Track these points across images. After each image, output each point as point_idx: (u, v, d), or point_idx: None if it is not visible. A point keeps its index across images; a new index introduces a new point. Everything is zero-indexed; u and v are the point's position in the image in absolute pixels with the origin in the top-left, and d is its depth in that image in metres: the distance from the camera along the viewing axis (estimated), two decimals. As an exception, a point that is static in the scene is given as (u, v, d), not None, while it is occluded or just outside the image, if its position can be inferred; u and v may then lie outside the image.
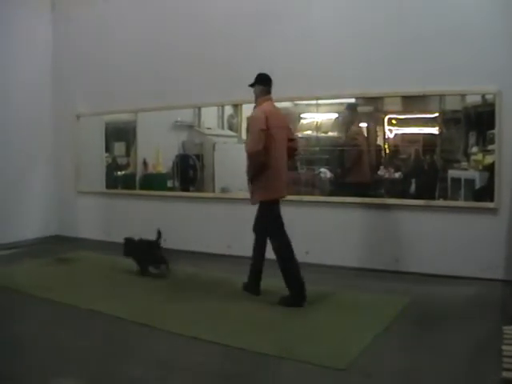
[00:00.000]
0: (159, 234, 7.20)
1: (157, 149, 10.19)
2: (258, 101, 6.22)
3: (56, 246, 9.67)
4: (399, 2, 7.19)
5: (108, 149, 10.54)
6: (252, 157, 5.91)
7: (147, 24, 9.28)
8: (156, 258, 7.22)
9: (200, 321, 5.38)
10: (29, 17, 10.11)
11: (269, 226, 6.14)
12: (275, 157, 5.94)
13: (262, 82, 6.23)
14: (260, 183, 6.03)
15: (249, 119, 6.45)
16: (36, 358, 4.50)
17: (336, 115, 8.91)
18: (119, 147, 10.67)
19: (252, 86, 6.27)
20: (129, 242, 7.44)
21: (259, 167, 5.91)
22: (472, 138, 7.25)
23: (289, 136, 6.22)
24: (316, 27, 7.72)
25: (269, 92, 6.23)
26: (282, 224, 6.14)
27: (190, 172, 9.93)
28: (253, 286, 6.24)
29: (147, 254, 7.24)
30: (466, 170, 7.18)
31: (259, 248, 6.19)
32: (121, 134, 10.61)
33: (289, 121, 6.64)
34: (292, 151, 6.34)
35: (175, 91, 8.88)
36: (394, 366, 4.25)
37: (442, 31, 6.87)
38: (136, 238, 7.39)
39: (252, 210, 8.14)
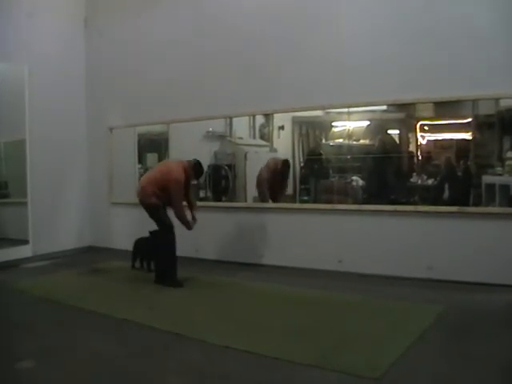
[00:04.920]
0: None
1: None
2: None
3: (90, 257, 9.82)
4: (432, 10, 7.11)
5: (141, 160, 10.65)
6: None
7: (178, 37, 9.37)
8: None
9: (232, 330, 5.38)
10: (63, 32, 10.32)
11: None
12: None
13: None
14: None
15: None
16: (73, 365, 4.56)
17: (368, 123, 8.89)
18: (152, 158, 10.76)
19: None
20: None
21: None
22: (506, 143, 7.14)
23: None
24: (347, 35, 7.70)
25: None
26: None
27: (222, 182, 9.97)
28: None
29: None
30: (500, 175, 7.06)
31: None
32: (153, 145, 10.71)
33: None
34: None
35: (206, 102, 8.94)
36: (429, 375, 4.18)
37: (473, 36, 6.79)
38: None
39: (285, 220, 8.21)
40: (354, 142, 8.87)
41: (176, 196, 7.27)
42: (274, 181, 9.22)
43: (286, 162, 9.26)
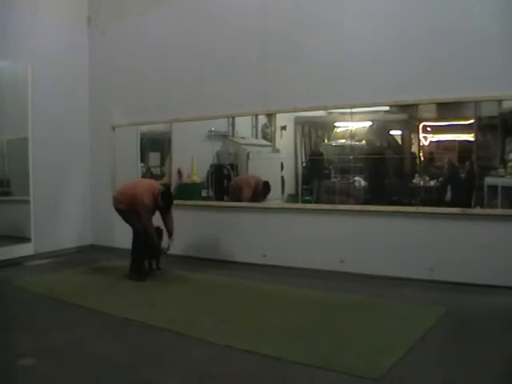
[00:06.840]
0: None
1: (191, 159, 10.26)
2: None
3: (92, 255, 9.83)
4: (434, 11, 7.10)
5: (143, 159, 10.64)
6: None
7: (181, 36, 9.36)
8: None
9: (233, 329, 5.38)
10: (66, 31, 10.30)
11: None
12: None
13: None
14: None
15: None
16: (74, 364, 4.57)
17: (370, 123, 8.89)
18: (154, 157, 10.78)
19: None
20: None
21: None
22: (509, 145, 7.12)
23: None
24: (350, 36, 7.67)
25: None
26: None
27: (224, 181, 9.97)
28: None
29: None
30: (502, 177, 7.05)
31: None
32: (156, 145, 10.70)
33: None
34: None
35: (209, 101, 8.93)
36: (430, 377, 4.18)
37: (476, 37, 6.77)
38: None
39: (287, 220, 8.20)
40: (357, 143, 8.87)
41: (144, 219, 7.70)
42: (254, 197, 9.33)
43: (267, 185, 9.34)
